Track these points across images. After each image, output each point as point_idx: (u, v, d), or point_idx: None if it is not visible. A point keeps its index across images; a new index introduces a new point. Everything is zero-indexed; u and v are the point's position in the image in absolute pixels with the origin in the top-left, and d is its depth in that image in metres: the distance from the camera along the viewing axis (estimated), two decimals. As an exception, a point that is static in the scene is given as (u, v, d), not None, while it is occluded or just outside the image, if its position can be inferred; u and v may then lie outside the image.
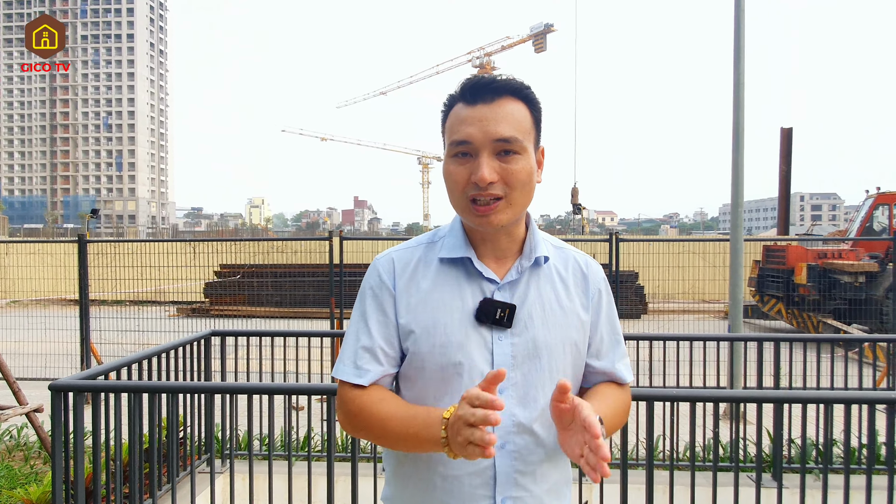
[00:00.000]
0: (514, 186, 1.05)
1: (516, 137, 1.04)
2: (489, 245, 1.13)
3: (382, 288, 1.13)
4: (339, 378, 1.10)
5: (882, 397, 2.44)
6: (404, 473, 1.13)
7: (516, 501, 1.07)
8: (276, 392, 2.57)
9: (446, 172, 1.09)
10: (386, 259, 1.15)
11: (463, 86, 1.08)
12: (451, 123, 1.08)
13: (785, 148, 14.80)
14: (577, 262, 1.18)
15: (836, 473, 2.93)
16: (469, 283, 1.11)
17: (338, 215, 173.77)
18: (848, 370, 4.03)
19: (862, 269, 9.64)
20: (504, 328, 1.08)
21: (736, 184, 5.40)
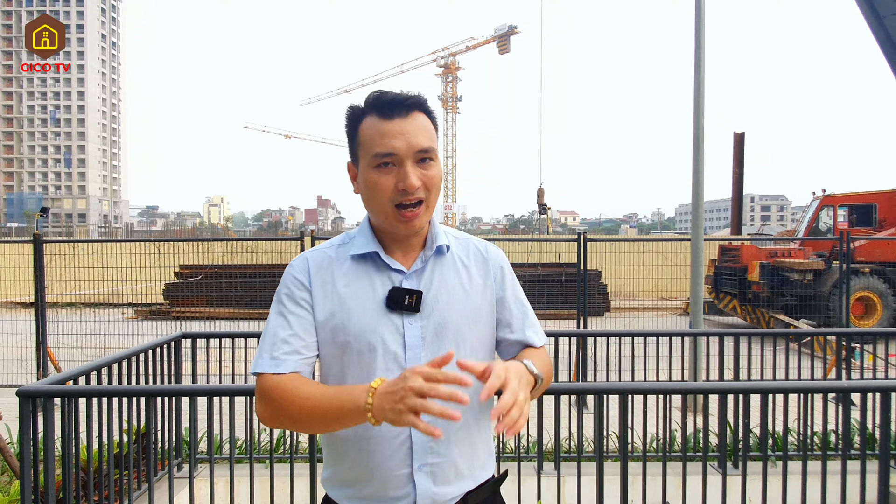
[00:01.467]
0: (431, 189, 1.19)
1: (432, 146, 1.18)
2: (398, 242, 1.24)
3: (298, 285, 1.21)
4: (257, 371, 1.16)
5: (834, 387, 2.61)
6: (336, 455, 1.22)
7: (432, 467, 1.18)
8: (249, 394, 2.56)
9: (370, 182, 1.17)
10: (301, 260, 1.26)
11: (376, 101, 1.18)
12: (371, 135, 1.17)
13: (737, 151, 15.45)
14: (477, 248, 1.31)
15: (794, 460, 3.12)
16: (379, 275, 1.22)
17: (301, 214, 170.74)
18: (801, 363, 4.28)
19: (810, 268, 10.18)
20: (413, 312, 1.19)
21: (696, 186, 5.63)
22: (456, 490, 1.20)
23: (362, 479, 1.19)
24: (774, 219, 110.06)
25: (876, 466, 2.46)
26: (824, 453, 2.55)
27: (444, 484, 1.19)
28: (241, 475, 2.80)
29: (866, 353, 5.59)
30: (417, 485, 1.17)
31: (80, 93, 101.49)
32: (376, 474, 1.17)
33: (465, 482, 1.22)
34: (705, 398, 2.92)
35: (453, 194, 74.63)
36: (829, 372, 6.05)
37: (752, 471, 2.83)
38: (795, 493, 2.52)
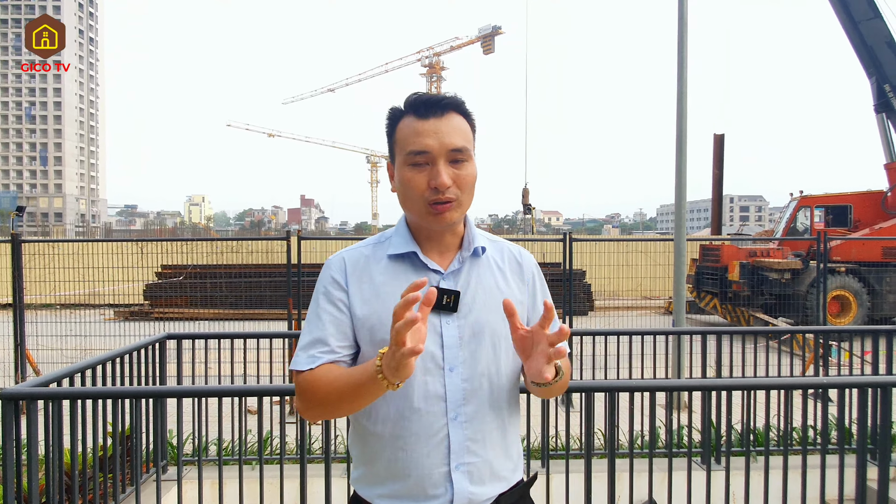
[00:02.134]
0: (464, 189, 1.21)
1: (466, 147, 1.20)
2: (434, 241, 1.26)
3: (334, 285, 1.23)
4: (295, 369, 1.20)
5: (813, 383, 2.67)
6: (370, 453, 1.23)
7: (469, 467, 1.19)
8: (243, 394, 2.54)
9: (404, 179, 1.20)
10: (338, 259, 1.27)
11: (413, 101, 1.21)
12: (406, 135, 1.20)
13: (717, 153, 15.70)
14: (511, 252, 1.34)
15: (775, 455, 3.19)
16: (416, 275, 1.22)
17: (284, 214, 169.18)
18: (780, 360, 4.38)
19: (788, 267, 10.40)
20: (450, 312, 1.20)
21: (679, 188, 5.72)
22: (490, 491, 1.21)
23: (398, 477, 1.19)
24: (753, 219, 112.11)
25: (854, 461, 2.54)
26: (804, 448, 2.61)
27: (480, 484, 1.20)
28: (229, 476, 2.78)
29: (842, 351, 5.74)
30: (455, 484, 1.18)
31: (56, 89, 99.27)
32: (413, 472, 1.18)
33: (499, 483, 1.23)
34: (689, 395, 2.98)
35: (438, 194, 74.42)
36: (807, 369, 6.20)
37: (734, 466, 2.89)
38: (777, 488, 2.58)
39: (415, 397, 1.18)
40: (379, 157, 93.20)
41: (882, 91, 11.34)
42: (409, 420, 1.18)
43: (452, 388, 1.18)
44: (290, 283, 5.32)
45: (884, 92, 11.31)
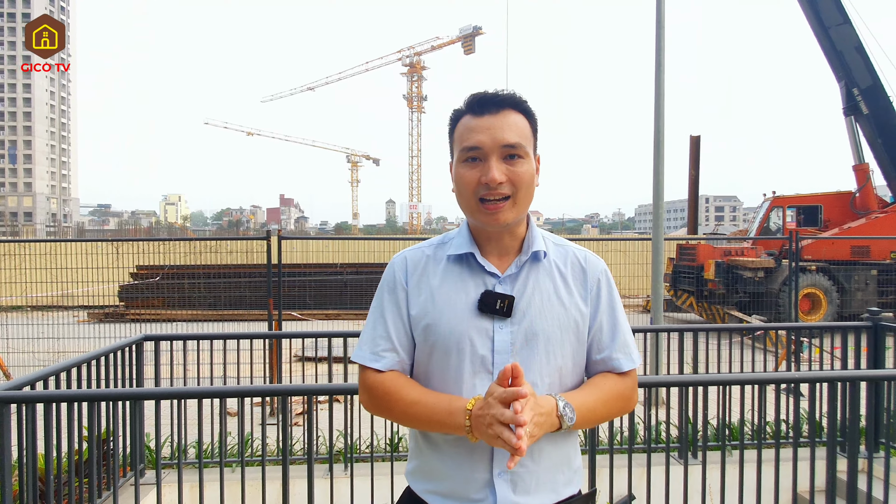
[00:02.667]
0: (519, 187, 1.18)
1: (520, 143, 1.17)
2: (493, 243, 1.24)
3: (396, 283, 1.25)
4: (358, 362, 1.23)
5: (786, 378, 2.75)
6: (422, 449, 1.26)
7: (512, 475, 1.17)
8: (226, 395, 2.52)
9: (457, 176, 1.21)
10: (400, 258, 1.29)
11: (470, 100, 1.21)
12: (461, 132, 1.20)
13: (694, 154, 16.00)
14: (576, 257, 1.28)
15: (750, 449, 3.27)
16: (472, 278, 1.22)
17: (263, 214, 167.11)
18: (754, 356, 4.49)
19: (761, 266, 10.65)
20: (504, 317, 1.18)
21: (657, 188, 5.82)
22: (536, 502, 1.18)
23: (444, 476, 1.20)
24: (727, 219, 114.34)
25: (825, 453, 2.61)
26: (777, 442, 2.69)
27: (525, 494, 1.17)
28: (210, 479, 2.75)
29: (813, 347, 5.90)
30: (497, 491, 1.16)
31: (25, 85, 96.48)
32: (455, 474, 1.19)
33: (546, 495, 1.20)
34: (667, 391, 3.04)
35: (418, 194, 74.50)
36: (779, 364, 6.36)
37: (711, 460, 2.96)
38: (752, 481, 2.64)
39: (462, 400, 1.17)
40: (359, 156, 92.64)
41: (851, 95, 11.67)
42: None
43: None
44: (270, 283, 5.26)
45: (852, 95, 11.65)
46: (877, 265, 10.87)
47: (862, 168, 12.02)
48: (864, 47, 11.54)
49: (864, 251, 11.03)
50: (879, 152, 11.73)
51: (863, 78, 11.53)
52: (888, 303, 10.58)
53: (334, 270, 11.29)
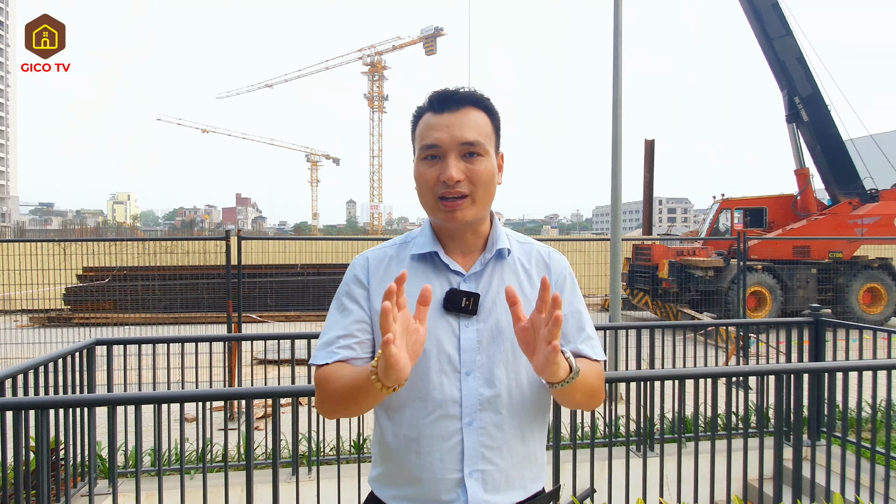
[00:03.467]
0: (477, 185, 1.16)
1: (479, 141, 1.16)
2: (456, 241, 1.23)
3: (357, 283, 1.23)
4: (314, 363, 1.19)
5: (740, 371, 2.88)
6: (387, 454, 1.21)
7: (483, 474, 1.15)
8: (186, 400, 2.45)
9: (417, 174, 1.20)
10: (362, 258, 1.27)
11: (431, 97, 1.20)
12: (421, 130, 1.19)
13: (648, 158, 16.54)
14: (539, 254, 1.29)
15: (704, 440, 3.42)
16: (437, 276, 1.21)
17: (218, 213, 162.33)
18: (706, 352, 4.69)
19: (711, 265, 11.10)
20: (470, 315, 1.17)
21: (615, 189, 5.99)
22: (506, 499, 1.18)
23: (412, 480, 1.17)
24: (679, 220, 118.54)
25: (772, 442, 2.76)
26: (729, 433, 2.82)
27: (495, 492, 1.16)
28: (169, 487, 2.67)
29: (759, 342, 6.20)
30: (469, 490, 1.15)
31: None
32: (426, 476, 1.16)
33: (514, 492, 1.19)
34: (627, 387, 3.14)
35: (379, 194, 74.00)
36: (729, 359, 6.65)
37: (668, 452, 3.07)
38: (706, 470, 2.77)
39: (430, 400, 1.15)
40: (319, 155, 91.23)
41: (793, 103, 12.33)
42: (423, 423, 1.16)
43: (468, 393, 1.15)
44: (229, 284, 5.13)
45: (794, 104, 12.31)
46: (816, 264, 11.51)
47: (803, 172, 12.70)
48: (804, 58, 12.20)
49: (805, 251, 11.66)
50: (818, 158, 12.43)
51: (803, 87, 12.20)
52: (827, 299, 11.22)
53: (294, 271, 11.10)
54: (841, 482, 2.72)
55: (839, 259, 11.58)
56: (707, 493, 2.85)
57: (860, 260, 11.67)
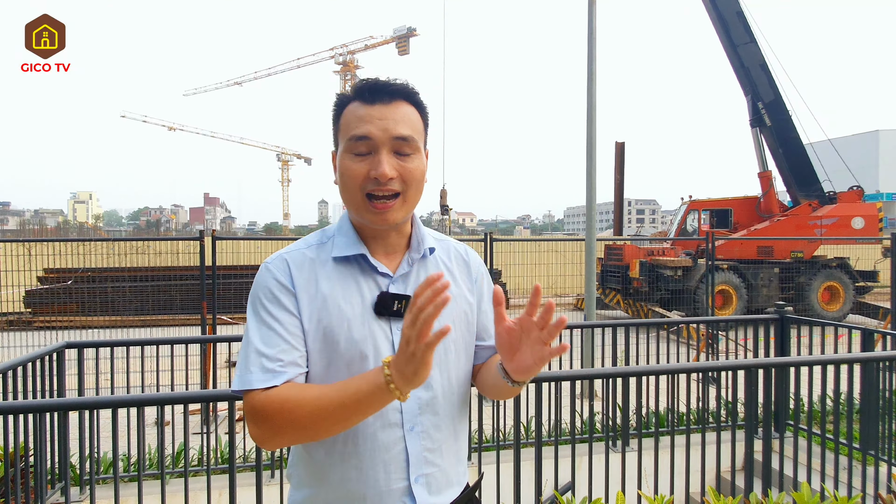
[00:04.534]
0: (409, 183, 1.11)
1: (413, 137, 1.11)
2: (379, 241, 1.18)
3: (281, 289, 1.11)
4: (249, 388, 1.04)
5: (713, 366, 2.98)
6: (318, 474, 1.13)
7: (428, 478, 1.13)
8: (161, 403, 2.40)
9: (343, 167, 1.11)
10: (279, 260, 1.15)
11: (360, 86, 1.13)
12: (349, 120, 1.11)
13: (619, 160, 16.86)
14: (457, 251, 1.28)
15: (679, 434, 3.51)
16: (365, 279, 1.15)
17: (185, 213, 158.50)
18: (670, 349, 4.82)
19: (680, 265, 11.41)
20: (401, 318, 1.12)
21: (589, 191, 6.10)
22: (446, 498, 1.18)
23: (352, 498, 1.11)
24: (647, 221, 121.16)
25: (743, 435, 2.87)
26: (703, 427, 2.92)
27: (438, 493, 1.16)
28: (148, 492, 2.61)
29: (728, 339, 6.40)
30: (417, 496, 1.12)
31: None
32: (369, 492, 1.10)
33: (453, 489, 1.19)
34: (603, 384, 3.21)
35: (352, 194, 73.24)
36: (699, 355, 6.84)
37: (645, 447, 3.15)
38: (681, 463, 2.86)
39: None
40: (290, 155, 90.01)
41: (756, 108, 12.76)
42: (362, 436, 1.09)
43: (408, 399, 1.07)
44: (203, 285, 5.03)
45: (758, 109, 12.74)
46: (779, 264, 11.94)
47: (766, 175, 13.16)
48: (767, 65, 12.65)
49: (768, 251, 12.08)
50: (780, 161, 12.90)
51: (766, 93, 12.64)
52: (789, 297, 11.65)
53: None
54: (807, 472, 2.84)
55: (800, 259, 12.03)
56: (683, 486, 2.94)
57: (820, 259, 12.15)
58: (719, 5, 12.52)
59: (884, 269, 12.03)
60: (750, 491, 2.78)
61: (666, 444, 2.94)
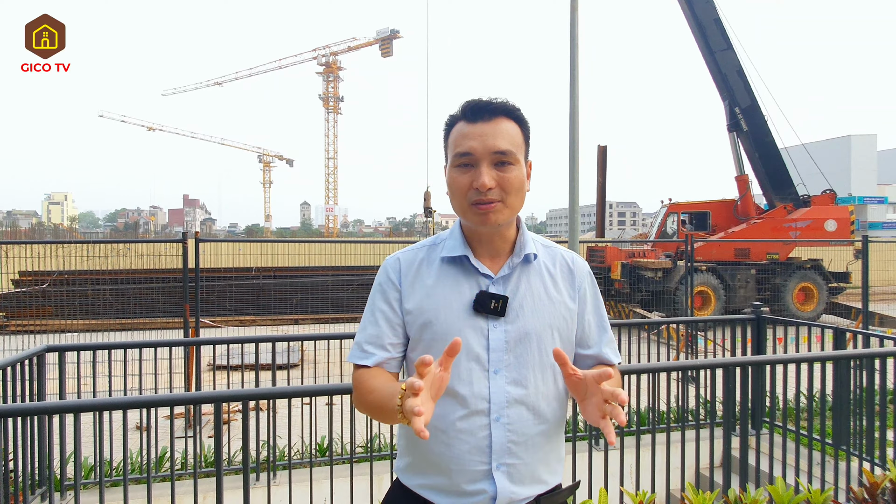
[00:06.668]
0: (508, 191, 1.22)
1: (511, 150, 1.22)
2: (485, 245, 1.29)
3: (389, 284, 1.29)
4: (351, 361, 1.29)
5: (694, 364, 3.06)
6: (415, 445, 1.27)
7: (510, 468, 1.21)
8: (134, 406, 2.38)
9: (451, 179, 1.25)
10: (393, 259, 1.33)
11: (465, 107, 1.25)
12: (455, 138, 1.25)
13: (601, 163, 17.08)
14: (563, 259, 1.34)
15: (660, 432, 3.60)
16: (467, 279, 1.26)
17: (164, 215, 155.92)
18: (659, 348, 4.92)
19: (660, 266, 11.59)
20: (498, 317, 1.23)
21: (573, 193, 6.19)
22: (530, 491, 1.24)
23: (441, 471, 1.23)
24: (628, 223, 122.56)
25: (720, 433, 2.94)
26: (683, 425, 2.99)
27: (520, 484, 1.22)
28: (134, 497, 2.59)
29: (706, 339, 6.54)
30: (497, 482, 1.20)
31: None
32: (454, 468, 1.21)
33: (537, 485, 1.25)
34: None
35: (335, 196, 73.03)
36: (679, 355, 6.97)
37: (627, 444, 3.22)
38: (662, 461, 2.93)
39: (459, 396, 1.21)
40: (272, 156, 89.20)
41: (733, 113, 13.04)
42: (452, 417, 1.21)
43: (496, 391, 1.21)
44: (186, 288, 4.98)
45: (735, 114, 13.02)
46: (756, 265, 12.21)
47: (742, 179, 13.44)
48: (744, 71, 12.94)
49: (745, 253, 12.34)
50: (757, 165, 13.19)
51: (743, 98, 12.92)
52: (765, 298, 11.91)
53: (249, 275, 10.85)
54: (783, 467, 2.93)
55: (776, 260, 12.31)
56: (663, 482, 3.01)
57: (794, 261, 12.45)
58: (697, 12, 12.78)
59: (856, 270, 12.37)
60: (728, 487, 2.86)
61: (647, 441, 3.01)
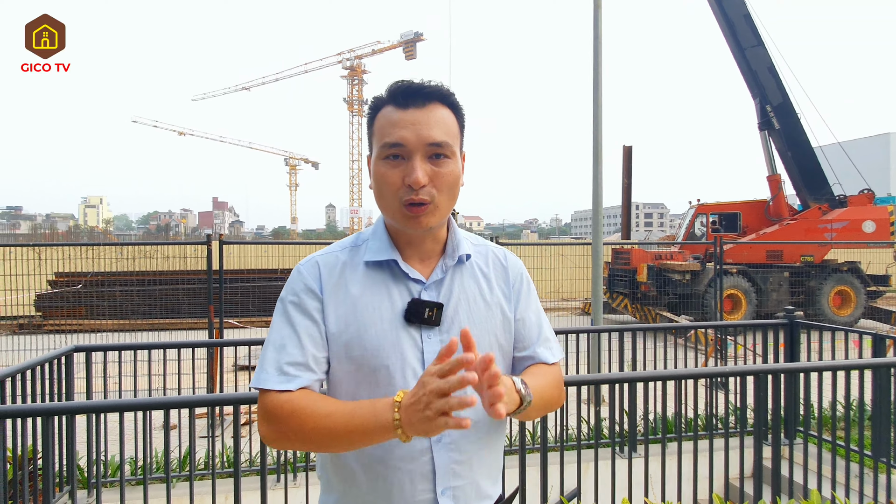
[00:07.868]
0: (441, 189, 1.08)
1: (447, 142, 1.08)
2: (415, 247, 1.15)
3: (308, 293, 1.11)
4: (263, 387, 1.05)
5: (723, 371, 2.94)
6: (345, 479, 1.12)
7: (455, 490, 1.10)
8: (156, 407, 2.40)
9: (378, 174, 1.09)
10: (310, 263, 1.14)
11: (393, 89, 1.10)
12: (382, 125, 1.09)
13: (626, 163, 16.81)
14: (496, 256, 1.23)
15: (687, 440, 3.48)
16: (396, 285, 1.13)
17: (195, 217, 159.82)
18: (677, 353, 4.78)
19: (688, 269, 11.33)
20: (433, 326, 1.11)
21: (596, 195, 6.08)
22: None
23: None
24: (655, 225, 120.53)
25: (751, 442, 2.83)
26: (710, 433, 2.89)
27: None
28: (152, 496, 2.62)
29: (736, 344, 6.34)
30: None
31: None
32: (395, 501, 1.09)
33: (483, 502, 1.16)
34: (610, 389, 3.19)
35: (359, 198, 73.70)
36: (707, 360, 6.78)
37: (652, 453, 3.13)
38: (688, 470, 2.82)
39: None
40: (298, 159, 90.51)
41: (764, 111, 12.68)
42: (389, 444, 1.07)
43: None
44: (210, 289, 5.06)
45: (766, 112, 12.66)
46: (789, 268, 11.83)
47: (774, 178, 13.06)
48: (775, 68, 12.57)
49: (777, 255, 11.97)
50: (789, 164, 12.80)
51: (774, 96, 12.56)
52: (799, 302, 11.53)
53: (275, 276, 10.99)
54: (818, 479, 2.80)
55: (810, 263, 11.91)
56: (690, 493, 2.91)
57: (830, 263, 12.03)
58: (726, 8, 12.47)
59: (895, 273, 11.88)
60: (759, 498, 2.75)
61: (673, 450, 2.91)
